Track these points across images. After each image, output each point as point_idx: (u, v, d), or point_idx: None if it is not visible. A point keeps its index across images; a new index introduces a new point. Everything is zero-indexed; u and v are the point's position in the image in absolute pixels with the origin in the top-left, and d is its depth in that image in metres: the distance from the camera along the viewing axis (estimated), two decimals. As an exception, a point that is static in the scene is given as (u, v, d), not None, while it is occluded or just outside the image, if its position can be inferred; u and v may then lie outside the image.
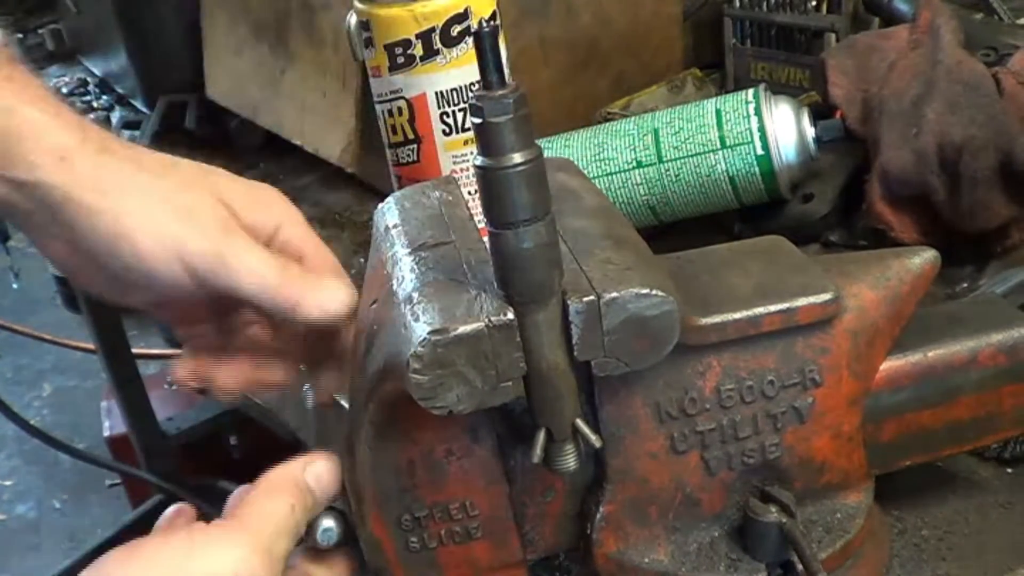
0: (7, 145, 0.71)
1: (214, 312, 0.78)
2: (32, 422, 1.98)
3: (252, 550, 0.61)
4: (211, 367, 0.79)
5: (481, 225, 0.58)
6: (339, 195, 1.37)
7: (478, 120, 0.53)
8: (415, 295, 0.58)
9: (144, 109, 1.62)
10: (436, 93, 0.93)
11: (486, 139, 0.53)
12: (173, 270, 0.71)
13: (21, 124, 0.71)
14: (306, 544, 0.68)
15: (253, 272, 0.71)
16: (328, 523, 0.68)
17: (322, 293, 0.72)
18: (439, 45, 0.91)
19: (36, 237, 0.76)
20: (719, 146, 1.02)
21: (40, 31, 1.93)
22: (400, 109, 0.94)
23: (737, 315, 0.64)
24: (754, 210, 1.07)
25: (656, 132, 1.05)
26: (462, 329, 0.56)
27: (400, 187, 0.97)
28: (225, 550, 0.61)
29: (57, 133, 0.72)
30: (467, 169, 0.95)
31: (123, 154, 0.74)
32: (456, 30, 0.91)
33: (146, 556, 0.60)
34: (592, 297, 0.57)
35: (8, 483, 3.09)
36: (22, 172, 0.71)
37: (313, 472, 0.67)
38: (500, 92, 0.53)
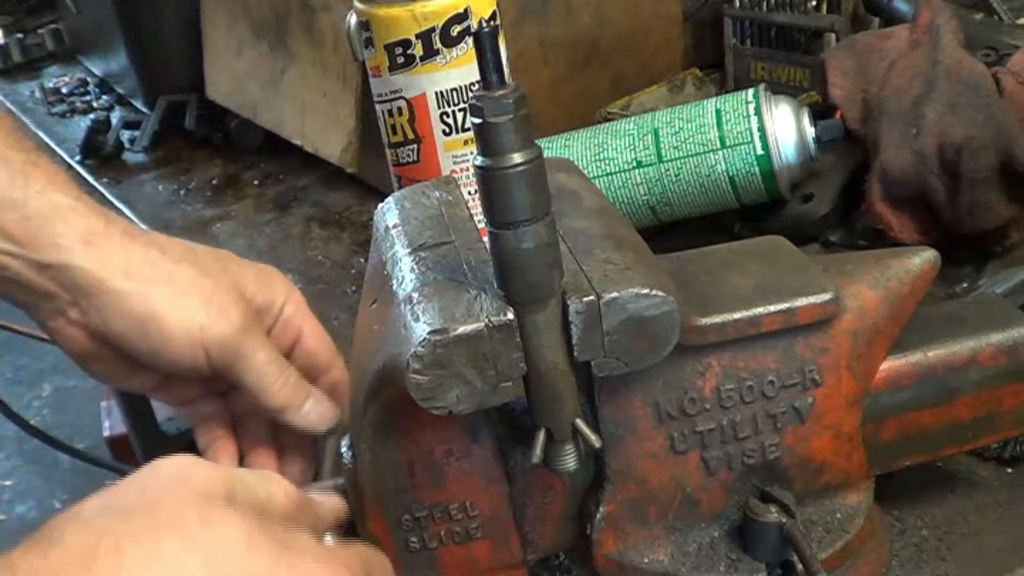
0: (36, 227, 0.74)
1: (216, 395, 0.83)
2: (32, 422, 1.98)
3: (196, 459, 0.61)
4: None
5: (481, 225, 0.58)
6: (339, 195, 1.37)
7: (478, 120, 0.53)
8: (415, 295, 0.58)
9: (144, 109, 1.62)
10: (436, 93, 0.93)
11: (486, 139, 0.53)
12: (195, 355, 0.75)
13: (51, 208, 0.75)
14: None
15: (260, 370, 0.77)
16: None
17: (309, 406, 0.78)
18: (439, 45, 0.91)
19: (50, 321, 0.77)
20: (719, 146, 1.02)
21: (40, 31, 1.93)
22: (400, 109, 0.94)
23: (737, 315, 0.64)
24: (754, 210, 1.07)
25: (656, 132, 1.05)
26: (462, 329, 0.56)
27: (400, 187, 0.97)
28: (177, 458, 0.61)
29: (84, 218, 0.75)
30: (467, 169, 0.95)
31: (145, 239, 0.78)
32: (456, 30, 0.91)
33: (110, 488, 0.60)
34: (592, 297, 0.57)
35: (8, 483, 3.08)
36: (49, 254, 0.74)
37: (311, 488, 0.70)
38: (500, 92, 0.53)
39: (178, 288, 0.75)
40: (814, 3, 1.24)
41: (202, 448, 0.84)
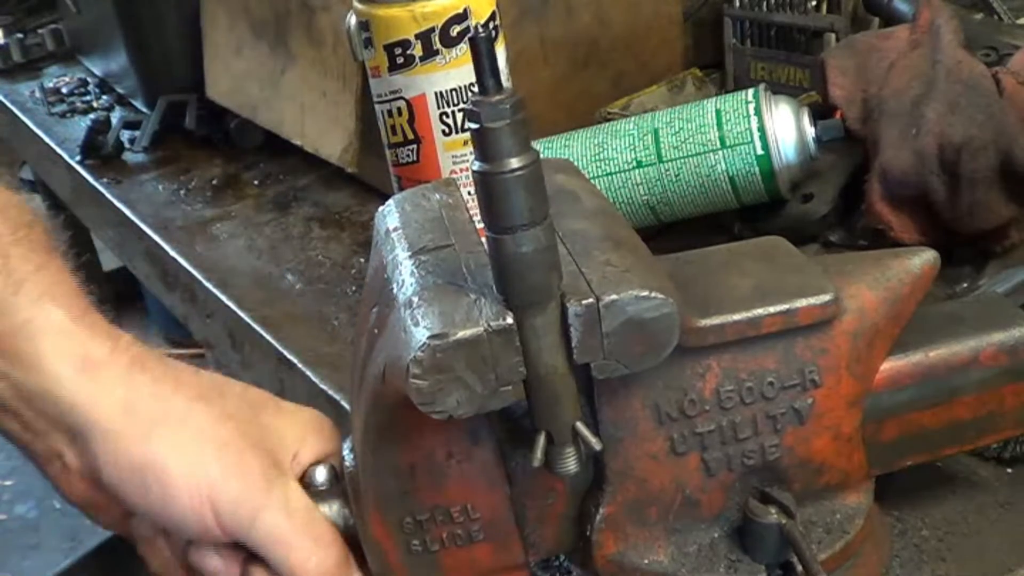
0: (22, 342, 0.61)
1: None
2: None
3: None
4: None
5: (481, 227, 0.58)
6: (339, 195, 1.37)
7: (475, 125, 0.53)
8: (415, 299, 0.58)
9: (144, 109, 1.62)
10: (435, 93, 0.93)
11: (483, 144, 0.53)
12: (203, 517, 0.63)
13: (43, 322, 0.62)
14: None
15: (284, 542, 0.64)
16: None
17: None
18: (438, 45, 0.91)
19: (48, 468, 0.66)
20: (719, 146, 1.02)
21: (40, 31, 1.93)
22: (400, 109, 0.94)
23: (736, 316, 0.64)
24: (754, 210, 1.07)
25: (656, 132, 1.05)
26: (461, 334, 0.56)
27: (400, 187, 0.98)
28: None
29: (80, 341, 0.62)
30: (467, 169, 0.95)
31: (159, 371, 0.65)
32: (455, 30, 0.91)
33: None
34: (591, 300, 0.57)
35: (8, 483, 3.08)
36: (34, 380, 0.61)
37: None
38: (497, 97, 0.53)
39: (188, 433, 0.63)
40: (814, 3, 1.23)
41: None
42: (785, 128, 1.02)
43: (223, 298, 1.20)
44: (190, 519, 0.63)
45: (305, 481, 0.69)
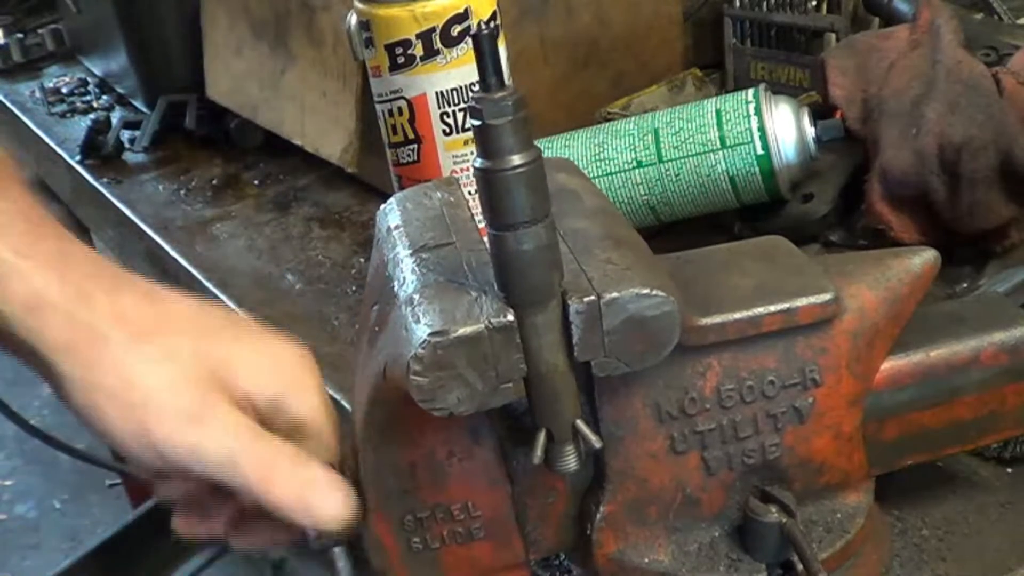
0: None
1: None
2: (32, 422, 1.98)
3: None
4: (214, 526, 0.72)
5: (482, 225, 0.58)
6: (339, 195, 1.37)
7: (477, 122, 0.53)
8: (416, 296, 0.59)
9: (144, 109, 1.62)
10: (436, 93, 0.93)
11: (485, 141, 0.53)
12: (145, 454, 0.64)
13: None
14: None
15: (220, 451, 0.64)
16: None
17: (314, 490, 0.65)
18: (439, 45, 0.91)
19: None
20: (719, 146, 1.02)
21: (40, 31, 1.93)
22: (400, 109, 0.94)
23: (737, 315, 0.64)
24: (754, 210, 1.07)
25: (656, 132, 1.05)
26: (462, 331, 0.56)
27: (400, 187, 0.98)
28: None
29: (28, 278, 0.63)
30: (467, 169, 0.95)
31: (103, 303, 0.65)
32: (456, 30, 0.91)
33: None
34: (592, 297, 0.57)
35: (8, 483, 3.08)
36: None
37: None
38: (499, 94, 0.53)
39: (121, 375, 0.64)
40: (814, 3, 1.23)
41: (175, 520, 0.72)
42: (785, 128, 1.02)
43: (223, 298, 1.20)
44: (134, 454, 0.65)
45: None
